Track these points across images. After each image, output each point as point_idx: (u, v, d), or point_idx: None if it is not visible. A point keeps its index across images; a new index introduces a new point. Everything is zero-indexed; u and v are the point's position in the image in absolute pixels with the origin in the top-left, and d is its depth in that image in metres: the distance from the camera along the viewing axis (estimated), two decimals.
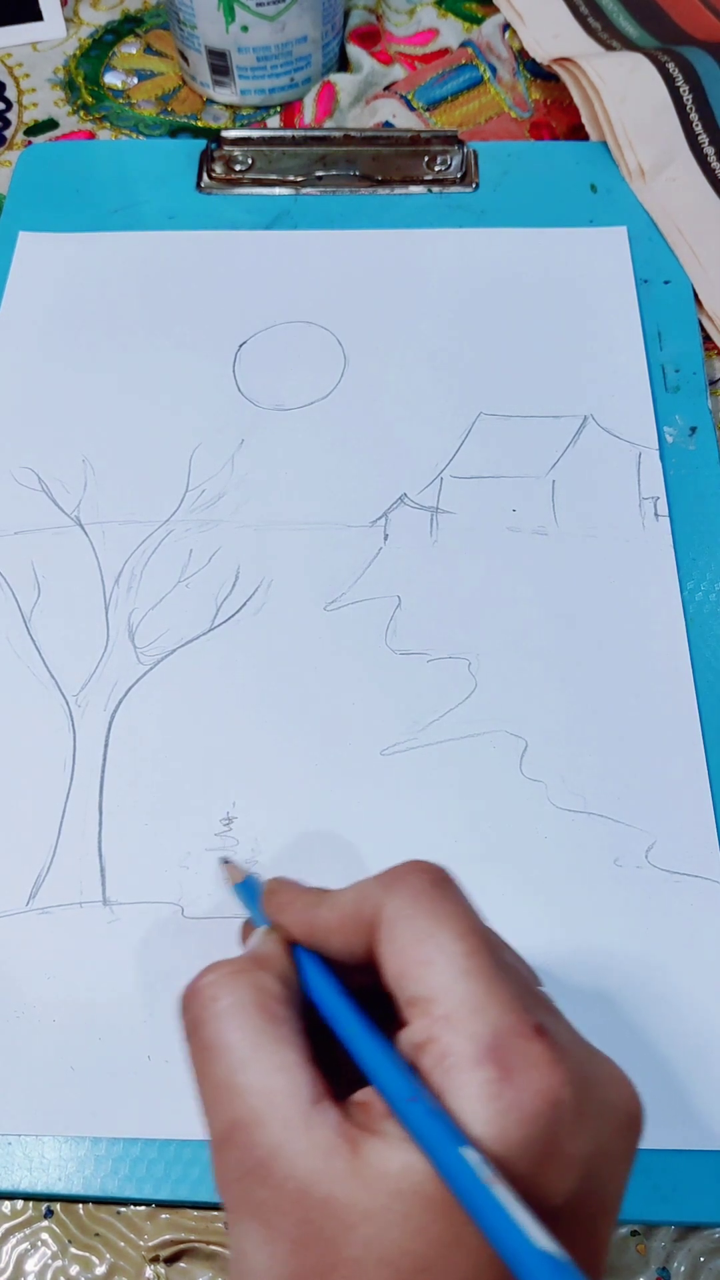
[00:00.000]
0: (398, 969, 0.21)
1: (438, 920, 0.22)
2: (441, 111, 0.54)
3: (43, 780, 0.36)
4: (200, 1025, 0.23)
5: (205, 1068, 0.22)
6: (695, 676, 0.38)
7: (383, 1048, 0.21)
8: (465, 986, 0.20)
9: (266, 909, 0.26)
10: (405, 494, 0.42)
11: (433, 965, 0.21)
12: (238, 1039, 0.22)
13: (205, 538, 0.41)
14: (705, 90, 0.50)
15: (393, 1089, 0.20)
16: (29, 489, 0.42)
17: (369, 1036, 0.22)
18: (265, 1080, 0.21)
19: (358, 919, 0.23)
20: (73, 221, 0.49)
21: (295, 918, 0.25)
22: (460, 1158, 0.18)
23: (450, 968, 0.21)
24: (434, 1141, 0.19)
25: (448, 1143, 0.19)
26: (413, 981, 0.21)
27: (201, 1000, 0.23)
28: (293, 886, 0.26)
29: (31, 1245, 0.31)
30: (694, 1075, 0.31)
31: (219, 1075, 0.22)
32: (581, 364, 0.45)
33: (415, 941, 0.21)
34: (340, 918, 0.23)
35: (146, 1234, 0.31)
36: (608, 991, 0.33)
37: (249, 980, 0.23)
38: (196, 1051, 0.23)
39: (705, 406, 0.44)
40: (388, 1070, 0.21)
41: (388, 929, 0.22)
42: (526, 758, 0.36)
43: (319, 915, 0.24)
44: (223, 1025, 0.22)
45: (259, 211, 0.50)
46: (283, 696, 0.37)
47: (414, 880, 0.23)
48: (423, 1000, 0.21)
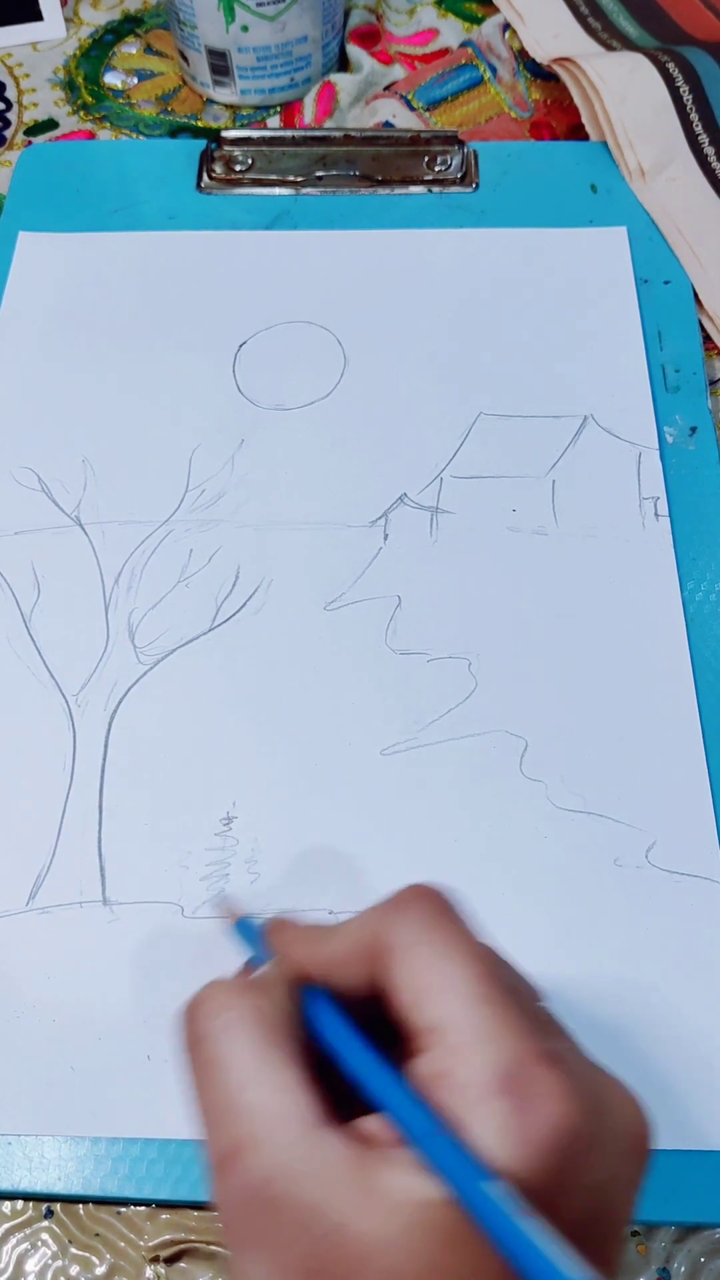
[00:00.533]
0: (408, 998, 0.21)
1: (445, 947, 0.21)
2: (441, 111, 0.54)
3: (43, 780, 0.36)
4: (202, 1041, 0.22)
5: (206, 1085, 0.22)
6: (695, 676, 0.38)
7: (397, 1081, 0.21)
8: (477, 1014, 0.20)
9: (272, 946, 0.25)
10: (405, 494, 0.42)
11: (442, 993, 0.21)
12: (239, 1057, 0.21)
13: (205, 538, 0.41)
14: (705, 90, 0.50)
15: (411, 1122, 0.20)
16: (29, 489, 0.42)
17: (382, 1070, 0.21)
18: (269, 1100, 0.20)
19: (364, 949, 0.22)
20: (73, 221, 0.49)
21: (300, 954, 0.24)
22: (488, 1191, 0.18)
23: (459, 996, 0.20)
24: (459, 1175, 0.19)
25: (473, 1176, 0.18)
26: (423, 1011, 0.21)
27: (204, 1014, 0.22)
28: (294, 925, 0.25)
29: (32, 1245, 0.31)
30: (694, 1076, 0.31)
31: (220, 1094, 0.21)
32: (581, 364, 0.45)
33: (424, 970, 0.21)
34: (346, 950, 0.23)
35: (146, 1234, 0.31)
36: (607, 992, 0.33)
37: (254, 998, 0.22)
38: (197, 1068, 0.22)
39: (705, 406, 0.44)
40: (404, 1103, 0.20)
41: (396, 958, 0.22)
42: (526, 758, 0.36)
43: (324, 950, 0.23)
44: (226, 1041, 0.22)
45: (259, 211, 0.50)
46: (283, 696, 0.37)
47: (418, 907, 0.22)
48: (435, 1030, 0.20)
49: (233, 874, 0.34)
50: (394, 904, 0.23)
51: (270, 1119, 0.20)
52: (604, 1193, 0.20)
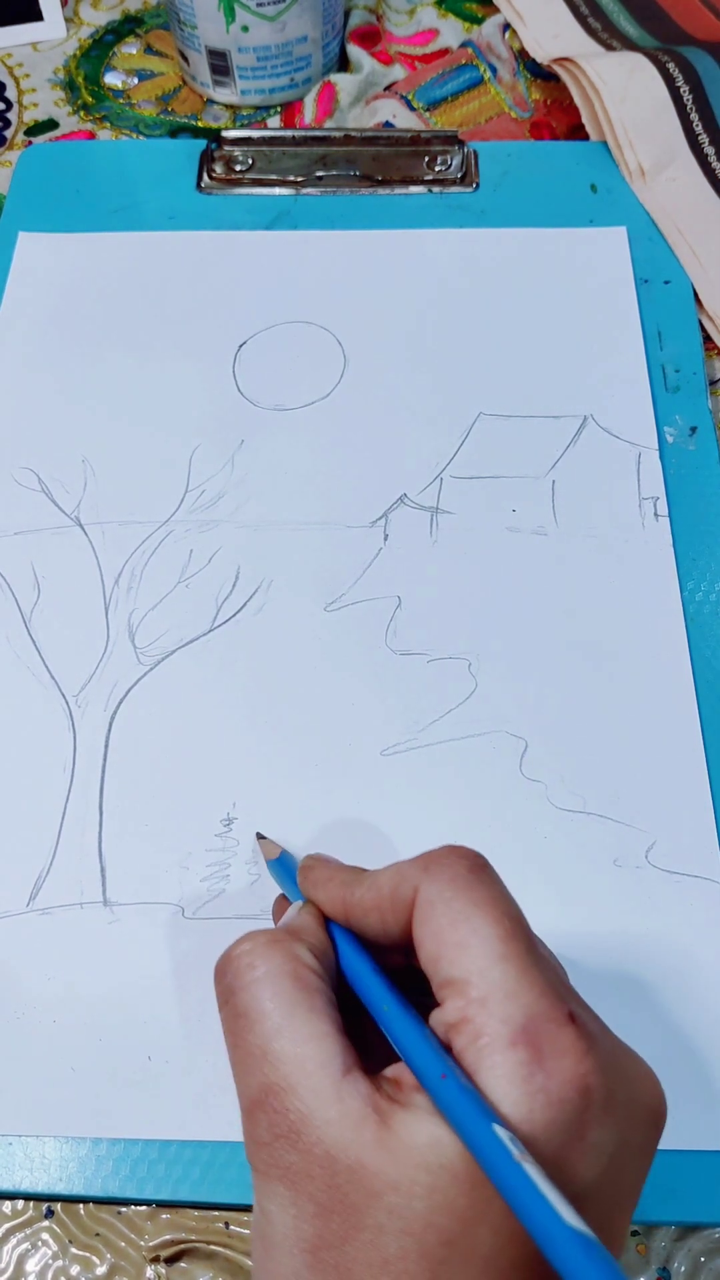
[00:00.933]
0: (433, 950, 0.22)
1: (475, 904, 0.22)
2: (441, 111, 0.54)
3: (43, 781, 0.36)
4: (235, 992, 0.23)
5: (239, 1034, 0.23)
6: (695, 676, 0.38)
7: (416, 1025, 0.22)
8: (500, 970, 0.21)
9: (302, 885, 0.26)
10: (405, 494, 0.42)
11: (468, 948, 0.21)
12: (271, 1007, 0.22)
13: (205, 538, 0.41)
14: (705, 90, 0.50)
15: (425, 1065, 0.21)
16: (29, 489, 0.42)
17: (403, 1013, 0.22)
18: (298, 1048, 0.22)
19: (395, 899, 0.23)
20: (73, 221, 0.49)
21: (331, 894, 0.25)
22: (492, 1134, 0.19)
23: (486, 951, 0.21)
24: (465, 1118, 0.19)
25: (479, 1119, 0.19)
26: (448, 963, 0.21)
27: (237, 967, 0.23)
28: (330, 864, 0.26)
29: (32, 1245, 0.31)
30: (693, 1076, 0.31)
31: (252, 1042, 0.22)
32: (581, 364, 0.45)
33: (451, 924, 0.22)
34: (377, 897, 0.24)
35: (147, 1234, 0.31)
36: (607, 991, 0.33)
37: (284, 950, 0.23)
38: (230, 1018, 0.23)
39: (705, 406, 0.44)
40: (420, 1047, 0.21)
41: (425, 910, 0.22)
42: (526, 758, 0.36)
43: (356, 894, 0.24)
44: (257, 992, 0.23)
45: (259, 211, 0.50)
46: (283, 697, 0.37)
47: (452, 864, 0.23)
48: (458, 982, 0.21)
49: (233, 874, 0.34)
50: (428, 858, 0.23)
51: (302, 1065, 0.21)
52: (616, 1156, 0.20)
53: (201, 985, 0.33)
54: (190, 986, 0.33)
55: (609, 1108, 0.20)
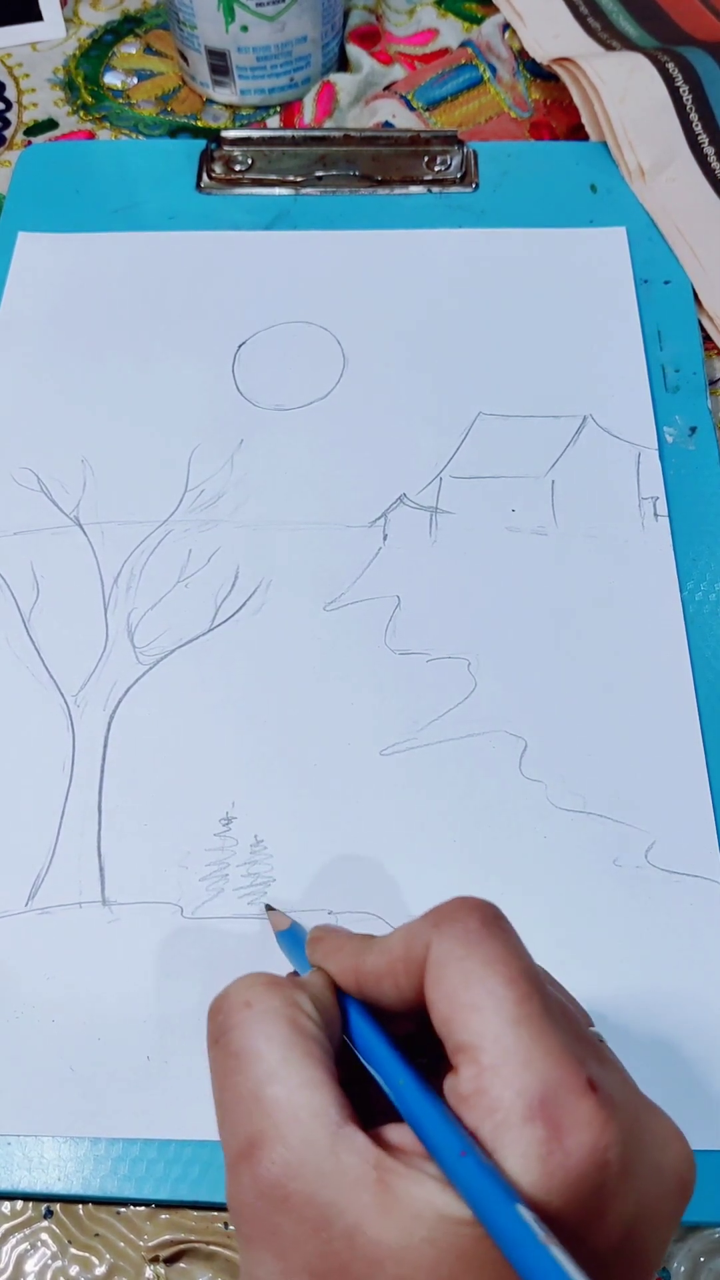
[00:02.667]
0: (445, 1013, 0.21)
1: (488, 963, 0.21)
2: (441, 111, 0.54)
3: (42, 780, 0.36)
4: (228, 1030, 0.22)
5: (229, 1076, 0.21)
6: (695, 676, 0.38)
7: (430, 1098, 0.20)
8: (514, 1035, 0.20)
9: (311, 956, 0.25)
10: (404, 494, 0.42)
11: (481, 1011, 0.20)
12: (266, 1049, 0.21)
13: (204, 538, 0.41)
14: (705, 90, 0.50)
15: (441, 1141, 0.19)
16: (28, 489, 0.42)
17: (415, 1085, 0.21)
18: (292, 1095, 0.20)
19: (407, 961, 0.22)
20: (73, 221, 0.49)
21: (342, 964, 0.24)
22: (517, 1217, 0.18)
23: (500, 1014, 0.20)
24: (486, 1199, 0.18)
25: (502, 1201, 0.18)
26: (460, 1027, 0.20)
27: (232, 1005, 0.22)
28: (339, 933, 0.25)
29: (31, 1245, 0.31)
30: (693, 1075, 0.31)
31: (243, 1085, 0.21)
32: (581, 364, 0.45)
33: (464, 985, 0.21)
34: (389, 962, 0.22)
35: (146, 1234, 0.31)
36: (607, 991, 0.33)
37: (284, 994, 0.22)
38: (221, 1058, 0.22)
39: (705, 406, 0.44)
40: (436, 1121, 0.20)
41: (436, 971, 0.21)
42: (526, 758, 0.36)
43: (367, 961, 0.23)
44: (252, 1033, 0.21)
45: (259, 211, 0.50)
46: (282, 697, 0.37)
47: (464, 920, 0.22)
48: (470, 1048, 0.20)
49: (231, 874, 0.34)
50: (437, 916, 0.22)
51: (294, 1113, 0.20)
52: (636, 1227, 0.19)
53: (200, 985, 0.33)
54: (189, 986, 0.33)
55: (629, 1180, 0.19)
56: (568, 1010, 0.22)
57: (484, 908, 0.22)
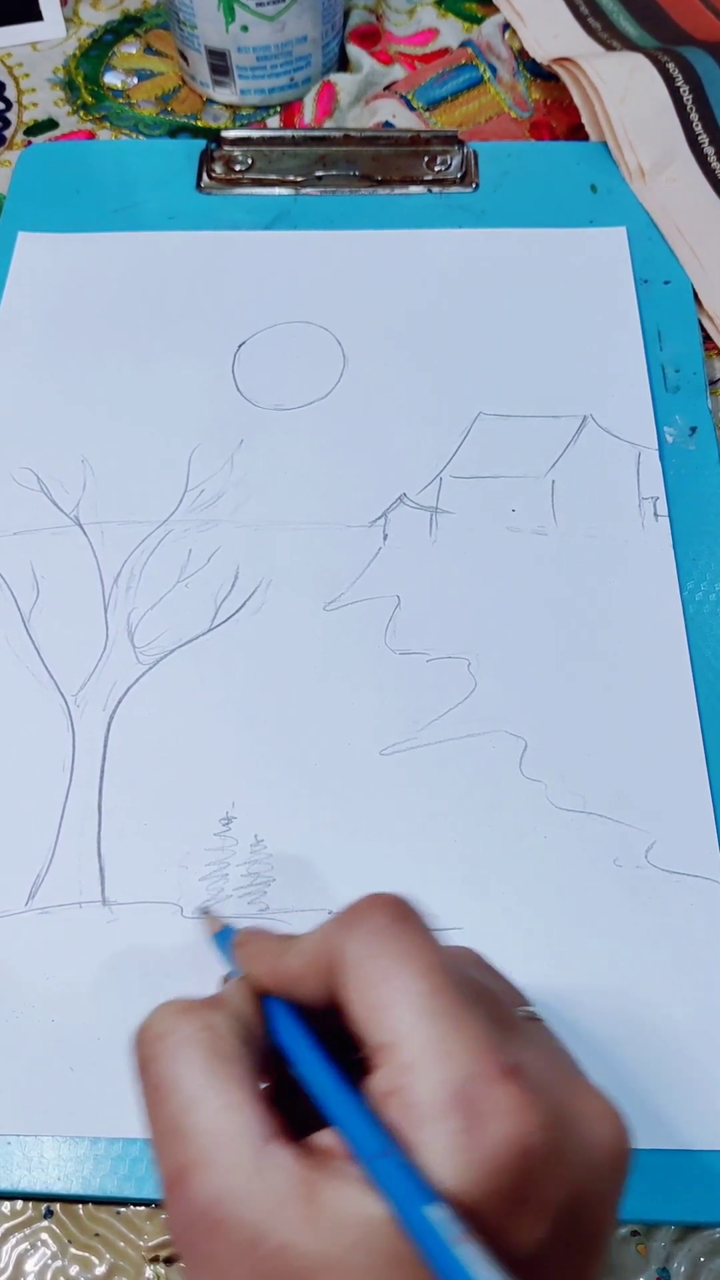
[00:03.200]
0: (361, 1014, 0.21)
1: (397, 960, 0.21)
2: (441, 111, 0.54)
3: (42, 780, 0.36)
4: (148, 1063, 0.22)
5: (153, 1108, 0.21)
6: (695, 676, 0.38)
7: (350, 1099, 0.20)
8: (428, 1029, 0.20)
9: (237, 960, 0.25)
10: (404, 494, 0.42)
11: (395, 1008, 0.20)
12: (185, 1077, 0.21)
13: (204, 538, 0.41)
14: (705, 90, 0.50)
15: (361, 1142, 0.19)
16: (28, 489, 0.42)
17: (336, 1087, 0.21)
18: (213, 1121, 0.20)
19: (320, 964, 0.22)
20: (73, 221, 0.49)
21: (263, 966, 0.24)
22: (423, 1215, 0.18)
23: (412, 1010, 0.20)
24: (401, 1198, 0.18)
25: (414, 1199, 0.18)
26: (376, 1027, 0.20)
27: (149, 1037, 0.22)
28: (262, 936, 0.25)
29: (31, 1245, 0.31)
30: (693, 1075, 0.31)
31: (166, 1116, 0.21)
32: (581, 364, 0.45)
33: (375, 984, 0.21)
34: (304, 964, 0.22)
35: (146, 1234, 0.31)
36: (607, 991, 0.33)
37: (198, 1018, 0.22)
38: (145, 1091, 0.22)
39: (705, 406, 0.44)
40: (355, 1122, 0.20)
41: (348, 972, 0.21)
42: (526, 758, 0.36)
43: (284, 962, 0.23)
44: (170, 1063, 0.21)
45: (259, 211, 0.50)
46: (282, 697, 0.37)
47: (373, 918, 0.22)
48: (386, 1046, 0.20)
49: (231, 874, 0.34)
50: (348, 915, 0.22)
51: (216, 1139, 0.20)
52: (572, 1209, 0.19)
53: (200, 985, 0.33)
54: (189, 986, 0.33)
55: (557, 1162, 0.19)
56: (491, 995, 0.22)
57: (393, 903, 0.22)
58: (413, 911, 0.22)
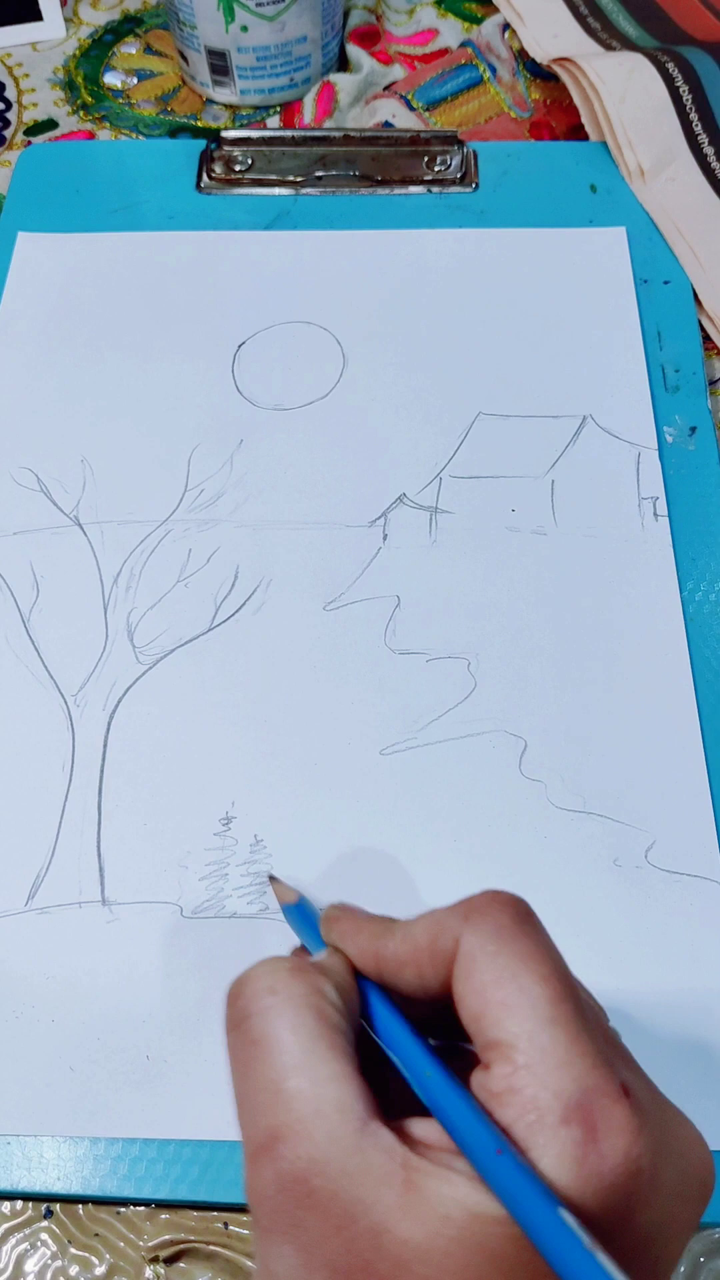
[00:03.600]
0: (477, 1009, 0.20)
1: (521, 960, 0.20)
2: (441, 111, 0.54)
3: (41, 780, 0.36)
4: (249, 1017, 0.21)
5: (249, 1065, 0.21)
6: (695, 676, 0.38)
7: (461, 1094, 0.20)
8: (550, 1036, 0.19)
9: (327, 937, 0.24)
10: (404, 494, 0.42)
11: (516, 1009, 0.20)
12: (290, 1039, 0.20)
13: (204, 537, 0.41)
14: (705, 90, 0.50)
15: (474, 1139, 0.19)
16: (28, 489, 0.42)
17: (445, 1080, 0.20)
18: (316, 1089, 0.20)
19: (433, 952, 0.21)
20: (73, 221, 0.49)
21: (361, 947, 0.23)
22: (560, 1220, 0.18)
23: (534, 1014, 0.20)
24: (524, 1199, 0.18)
25: (543, 1204, 0.18)
26: (493, 1024, 0.20)
27: (254, 990, 0.21)
28: (357, 914, 0.24)
29: (31, 1245, 0.31)
30: (694, 1075, 0.31)
31: (265, 1076, 0.20)
32: (581, 364, 0.45)
33: (496, 982, 0.20)
34: (413, 950, 0.22)
35: (146, 1234, 0.31)
36: (607, 991, 0.33)
37: (309, 981, 0.22)
38: (241, 1045, 0.21)
39: (705, 406, 0.44)
40: (468, 1118, 0.19)
41: (466, 965, 0.21)
42: (526, 758, 0.36)
43: (389, 947, 0.22)
44: (276, 1021, 0.21)
45: (259, 211, 0.50)
46: (282, 696, 0.37)
47: (496, 914, 0.21)
48: (504, 1045, 0.20)
49: (231, 874, 0.34)
50: (468, 907, 0.22)
51: (316, 1108, 0.19)
52: (658, 1233, 0.19)
53: (200, 984, 0.33)
54: (189, 986, 0.33)
55: (656, 1188, 0.19)
56: (597, 1012, 0.22)
57: (516, 903, 0.22)
58: (534, 915, 0.22)
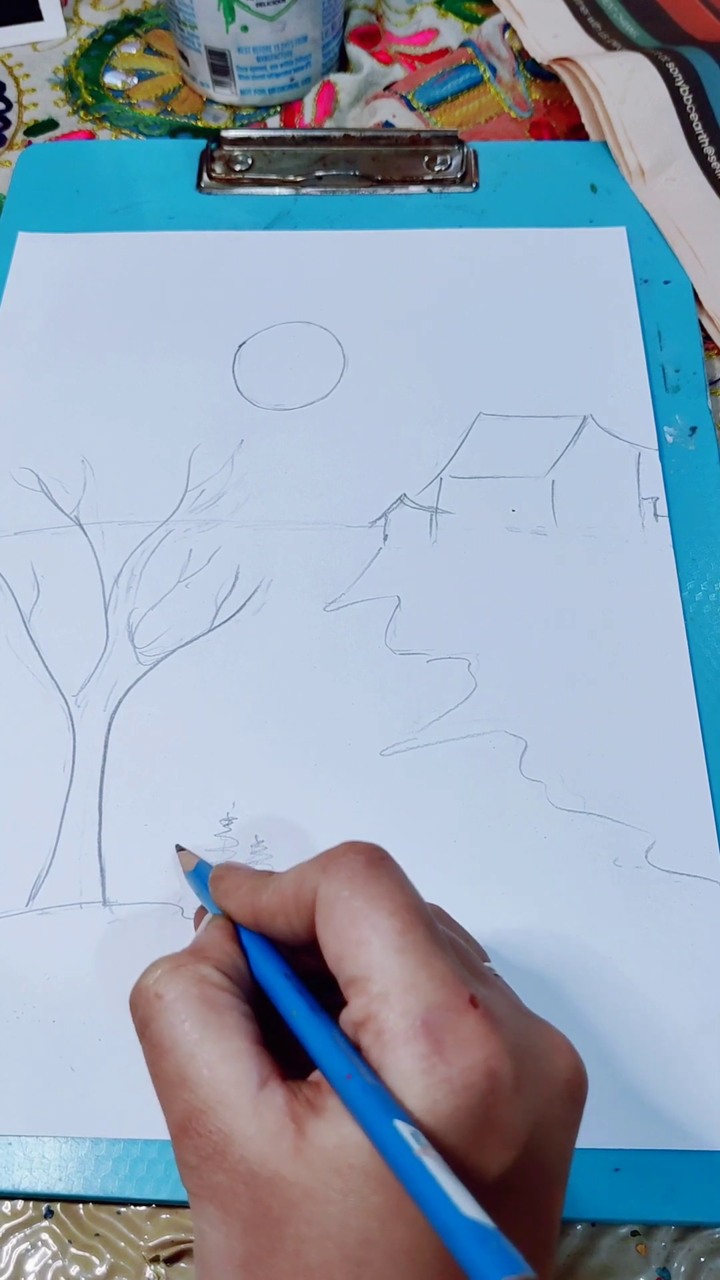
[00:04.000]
0: (336, 950, 0.22)
1: (372, 900, 0.22)
2: (441, 111, 0.54)
3: (42, 781, 0.36)
4: (148, 1022, 0.23)
5: (157, 1064, 0.23)
6: (695, 676, 0.38)
7: (324, 1026, 0.22)
8: (399, 963, 0.21)
9: (213, 895, 0.26)
10: (405, 494, 0.42)
11: (368, 945, 0.21)
12: (182, 1033, 0.22)
13: (205, 538, 0.41)
14: (705, 90, 0.50)
15: (331, 1067, 0.21)
16: (28, 489, 0.42)
17: (311, 1017, 0.22)
18: (213, 1071, 0.22)
19: (298, 901, 0.23)
20: (73, 221, 0.49)
21: (240, 902, 0.25)
22: (394, 1130, 0.19)
23: (384, 946, 0.21)
24: (369, 1116, 0.19)
25: (382, 1117, 0.19)
26: (350, 962, 0.21)
27: (147, 998, 0.24)
28: (238, 871, 0.26)
29: (32, 1245, 0.31)
30: (693, 1075, 0.31)
31: (170, 1070, 0.22)
32: (581, 364, 0.45)
33: (350, 923, 0.22)
34: (281, 901, 0.24)
35: (146, 1234, 0.31)
36: (607, 991, 0.33)
37: (190, 973, 0.23)
38: (147, 1048, 0.23)
39: (705, 406, 0.44)
40: (327, 1048, 0.21)
41: (325, 910, 0.22)
42: (526, 758, 0.36)
43: (261, 899, 0.24)
44: (169, 1020, 0.23)
45: (259, 211, 0.50)
46: (282, 697, 0.37)
47: (349, 861, 0.23)
48: (360, 979, 0.21)
49: None
50: (326, 857, 0.23)
51: (215, 1088, 0.21)
52: (534, 1136, 0.20)
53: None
54: None
55: (520, 1089, 0.20)
56: (455, 942, 0.23)
57: (369, 849, 0.24)
58: (387, 858, 0.24)
